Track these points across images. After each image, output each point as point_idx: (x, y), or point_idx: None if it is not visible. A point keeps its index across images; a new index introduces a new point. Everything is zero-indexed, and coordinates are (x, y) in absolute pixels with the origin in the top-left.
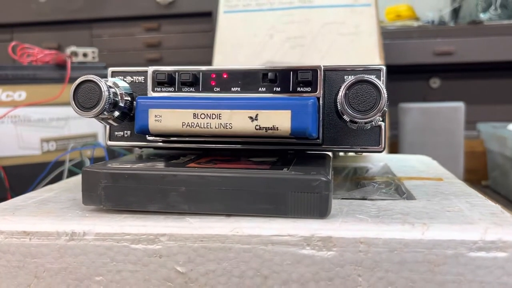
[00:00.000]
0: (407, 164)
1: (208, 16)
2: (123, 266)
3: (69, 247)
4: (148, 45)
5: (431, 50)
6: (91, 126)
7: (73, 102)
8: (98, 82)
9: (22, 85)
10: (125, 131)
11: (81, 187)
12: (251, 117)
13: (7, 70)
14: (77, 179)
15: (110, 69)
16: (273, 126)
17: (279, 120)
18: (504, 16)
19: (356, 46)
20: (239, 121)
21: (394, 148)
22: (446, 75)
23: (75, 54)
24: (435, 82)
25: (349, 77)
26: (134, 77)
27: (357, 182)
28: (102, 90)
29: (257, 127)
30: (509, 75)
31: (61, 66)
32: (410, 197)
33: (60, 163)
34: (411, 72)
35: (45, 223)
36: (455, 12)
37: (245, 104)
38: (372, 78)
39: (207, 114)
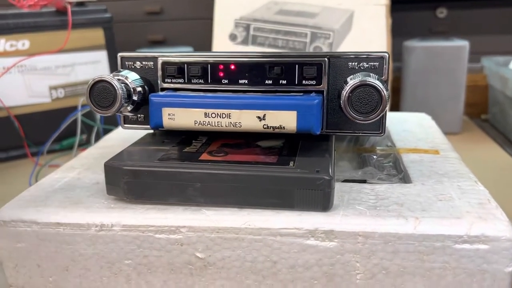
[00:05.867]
0: (406, 128)
1: None
2: (149, 252)
3: (99, 236)
4: None
5: None
6: (97, 71)
7: (90, 101)
8: (112, 82)
9: (25, 34)
10: (139, 115)
11: (105, 179)
12: (259, 117)
13: (7, 19)
14: (96, 153)
15: (120, 55)
16: (280, 125)
17: (286, 120)
18: None
19: None
20: (247, 120)
21: (397, 83)
22: (453, 4)
23: None
24: (442, 12)
25: (353, 63)
26: (144, 63)
27: (358, 153)
28: (116, 89)
29: (265, 126)
30: None
31: (62, 12)
32: (406, 178)
33: (71, 109)
34: (417, 2)
35: (76, 215)
36: None
37: (254, 104)
38: (375, 81)
39: (217, 114)
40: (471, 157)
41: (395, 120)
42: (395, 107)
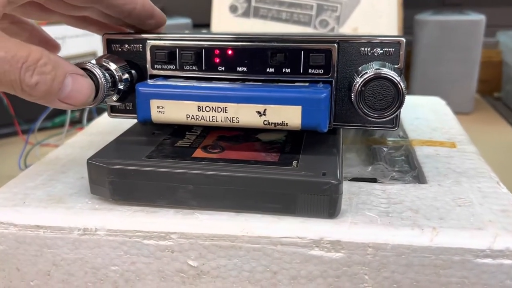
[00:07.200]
0: (419, 115)
1: None
2: (137, 259)
3: (83, 241)
4: None
5: None
6: (89, 44)
7: None
8: (93, 70)
9: None
10: (127, 103)
11: (88, 178)
12: (259, 112)
13: None
14: (84, 141)
15: (105, 37)
16: (282, 122)
17: (289, 116)
18: None
19: None
20: (246, 115)
21: (407, 58)
22: None
23: None
24: None
25: (365, 49)
26: (132, 45)
27: (367, 145)
28: (99, 77)
29: (266, 122)
30: None
31: None
32: (421, 176)
33: None
34: None
35: (57, 217)
36: None
37: (253, 97)
38: (391, 73)
39: (212, 107)
40: (484, 139)
41: (407, 105)
42: None
